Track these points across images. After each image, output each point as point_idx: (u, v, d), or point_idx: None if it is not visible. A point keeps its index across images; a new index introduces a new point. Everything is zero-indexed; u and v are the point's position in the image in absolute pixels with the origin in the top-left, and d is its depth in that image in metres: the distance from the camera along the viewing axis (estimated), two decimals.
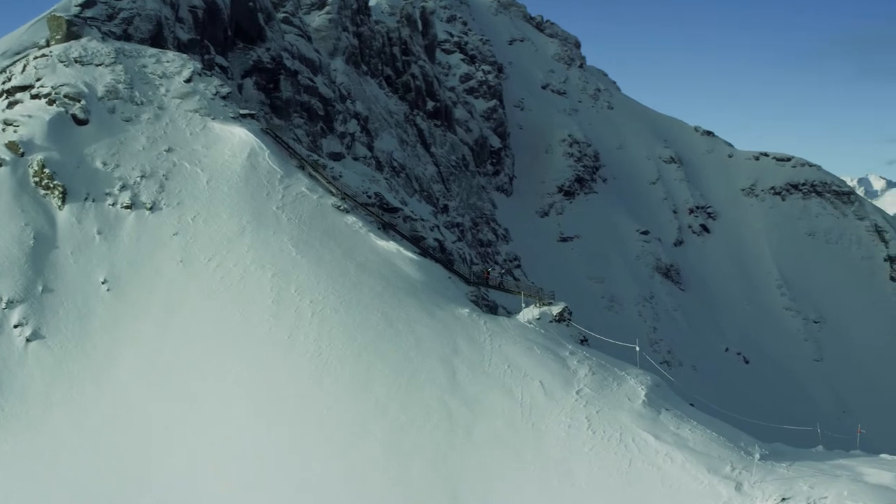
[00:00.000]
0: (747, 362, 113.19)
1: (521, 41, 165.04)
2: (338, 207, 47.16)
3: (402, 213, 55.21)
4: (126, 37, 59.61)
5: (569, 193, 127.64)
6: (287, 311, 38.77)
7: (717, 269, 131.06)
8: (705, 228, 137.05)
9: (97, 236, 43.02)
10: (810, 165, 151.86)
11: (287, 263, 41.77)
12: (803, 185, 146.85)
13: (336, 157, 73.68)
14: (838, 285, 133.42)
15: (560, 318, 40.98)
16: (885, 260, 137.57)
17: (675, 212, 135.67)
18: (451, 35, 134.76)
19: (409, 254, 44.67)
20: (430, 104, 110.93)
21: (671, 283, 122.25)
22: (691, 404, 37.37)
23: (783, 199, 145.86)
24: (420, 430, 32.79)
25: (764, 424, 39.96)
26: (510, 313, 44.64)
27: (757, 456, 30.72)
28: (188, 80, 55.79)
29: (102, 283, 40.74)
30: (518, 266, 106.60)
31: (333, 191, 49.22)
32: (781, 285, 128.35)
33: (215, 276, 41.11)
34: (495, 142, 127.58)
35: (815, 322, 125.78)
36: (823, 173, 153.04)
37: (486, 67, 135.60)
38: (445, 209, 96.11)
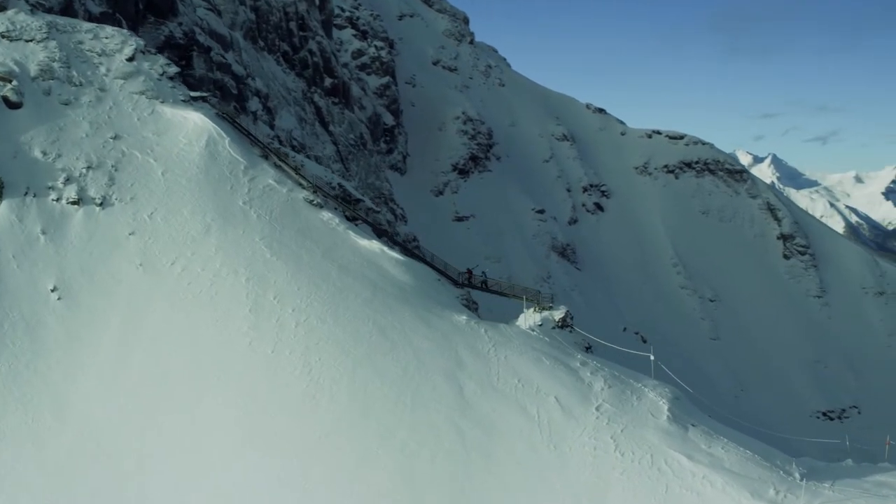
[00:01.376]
0: (645, 341, 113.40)
1: (411, 16, 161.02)
2: (310, 202, 43.69)
3: (363, 206, 51.99)
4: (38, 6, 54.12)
5: (463, 172, 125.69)
6: (267, 321, 35.30)
7: (612, 248, 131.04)
8: (599, 207, 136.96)
9: (42, 236, 38.55)
10: (703, 143, 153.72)
11: (261, 266, 38.20)
12: (696, 163, 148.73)
13: None
14: (732, 264, 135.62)
15: (563, 324, 38.64)
16: (778, 238, 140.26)
17: (569, 190, 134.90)
18: (343, 10, 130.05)
19: (394, 254, 41.63)
20: (328, 81, 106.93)
21: (567, 262, 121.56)
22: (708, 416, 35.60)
23: (676, 178, 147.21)
24: (433, 456, 29.99)
25: (793, 438, 38.49)
26: (500, 320, 42.13)
27: (797, 476, 29.05)
28: (131, 59, 51.09)
29: (52, 290, 36.44)
30: (417, 247, 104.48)
31: (304, 183, 45.60)
32: (677, 264, 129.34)
33: (181, 281, 37.25)
34: (388, 119, 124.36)
35: (711, 301, 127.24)
36: (716, 151, 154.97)
37: (379, 43, 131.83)
38: None
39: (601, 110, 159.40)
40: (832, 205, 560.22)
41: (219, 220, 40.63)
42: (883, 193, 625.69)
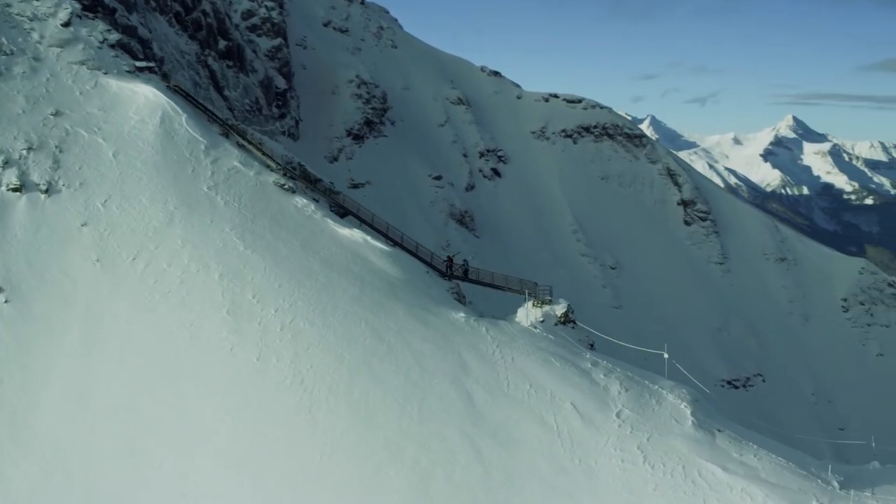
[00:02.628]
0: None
1: None
2: (281, 186, 40.36)
3: (322, 186, 48.77)
4: None
5: (358, 137, 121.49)
6: (249, 324, 32.19)
7: (510, 215, 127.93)
8: (497, 172, 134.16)
9: None
10: (601, 107, 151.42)
11: (236, 261, 34.93)
12: (595, 127, 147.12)
13: None
14: (633, 230, 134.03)
15: (565, 320, 36.55)
16: (679, 204, 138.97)
17: (465, 155, 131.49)
18: None
19: (379, 244, 38.77)
20: (222, 43, 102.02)
21: (466, 229, 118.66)
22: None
23: (575, 143, 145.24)
24: (448, 476, 27.59)
25: (807, 439, 37.39)
26: (487, 312, 39.83)
27: (836, 485, 27.75)
28: (66, 24, 46.62)
29: None
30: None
31: (272, 165, 42.16)
32: (577, 230, 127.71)
33: (145, 279, 33.72)
34: (281, 83, 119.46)
35: (612, 268, 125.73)
36: (615, 115, 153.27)
37: (269, 3, 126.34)
38: None
39: (496, 73, 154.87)
40: (711, 166, 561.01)
41: (183, 209, 37.06)
42: (761, 155, 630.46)
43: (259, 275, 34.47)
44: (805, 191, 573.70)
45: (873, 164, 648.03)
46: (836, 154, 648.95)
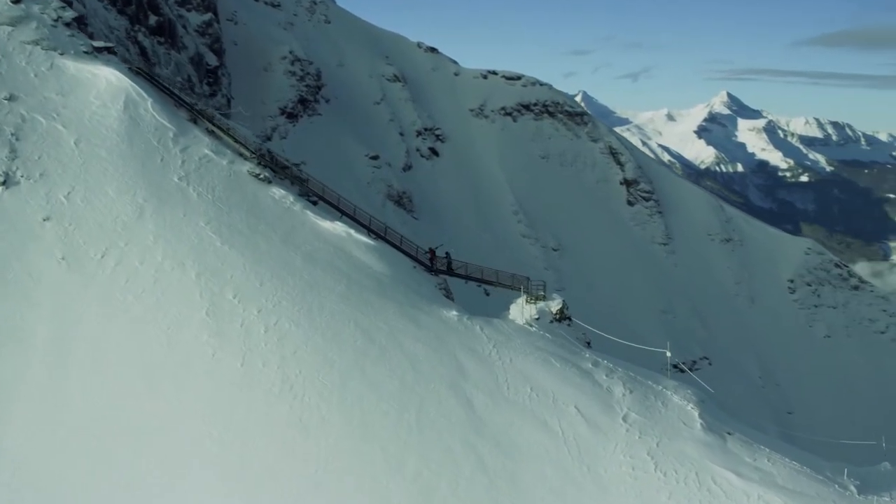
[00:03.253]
0: (488, 294, 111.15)
1: None
2: (256, 176, 38.44)
3: (291, 173, 46.78)
4: None
5: (292, 116, 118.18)
6: (230, 326, 30.41)
7: (449, 196, 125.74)
8: (434, 152, 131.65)
9: None
10: (541, 84, 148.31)
11: (213, 258, 33.06)
12: (535, 105, 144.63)
13: None
14: (575, 210, 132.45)
15: (561, 317, 35.41)
16: (622, 183, 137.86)
17: (402, 134, 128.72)
18: None
19: (363, 237, 37.14)
20: (153, 19, 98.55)
21: (404, 211, 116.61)
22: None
23: (514, 121, 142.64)
24: (452, 488, 26.32)
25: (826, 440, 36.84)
26: (475, 308, 38.58)
27: (854, 490, 27.14)
28: (16, 0, 43.66)
29: None
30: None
31: (245, 153, 40.15)
32: (517, 211, 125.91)
33: (116, 279, 31.67)
34: (212, 60, 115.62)
35: (555, 250, 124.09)
36: (555, 93, 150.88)
37: None
38: None
39: (433, 49, 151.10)
40: (644, 143, 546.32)
41: (153, 201, 34.98)
42: (695, 132, 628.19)
43: (239, 272, 32.64)
44: (740, 168, 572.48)
45: (809, 141, 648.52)
46: (772, 131, 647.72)
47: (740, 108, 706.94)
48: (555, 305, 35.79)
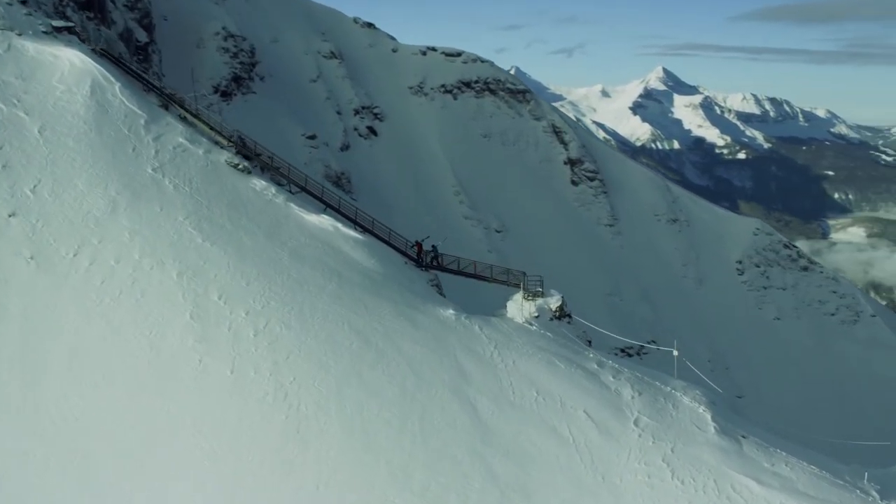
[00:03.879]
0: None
1: None
2: (235, 166, 36.65)
3: (263, 160, 44.93)
4: None
5: (226, 94, 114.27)
6: (218, 330, 28.80)
7: (389, 176, 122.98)
8: (373, 131, 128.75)
9: None
10: (482, 61, 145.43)
11: (194, 255, 31.36)
12: (476, 82, 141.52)
13: None
14: (518, 191, 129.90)
15: (560, 314, 34.36)
16: (566, 163, 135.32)
17: (339, 113, 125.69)
18: None
19: (351, 231, 35.64)
20: None
21: (343, 192, 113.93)
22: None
23: (455, 98, 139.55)
24: (463, 502, 25.04)
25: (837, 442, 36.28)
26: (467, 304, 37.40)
27: (876, 495, 26.61)
28: None
29: None
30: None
31: (222, 141, 38.30)
32: (459, 192, 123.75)
33: (92, 280, 29.81)
34: (142, 36, 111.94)
35: (498, 231, 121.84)
36: (496, 70, 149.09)
37: None
38: None
39: (370, 25, 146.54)
40: (578, 120, 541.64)
41: (126, 194, 33.08)
42: (630, 108, 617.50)
43: (223, 271, 30.98)
44: (676, 145, 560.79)
45: (746, 117, 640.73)
46: (708, 107, 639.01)
47: (676, 84, 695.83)
48: (554, 302, 34.72)
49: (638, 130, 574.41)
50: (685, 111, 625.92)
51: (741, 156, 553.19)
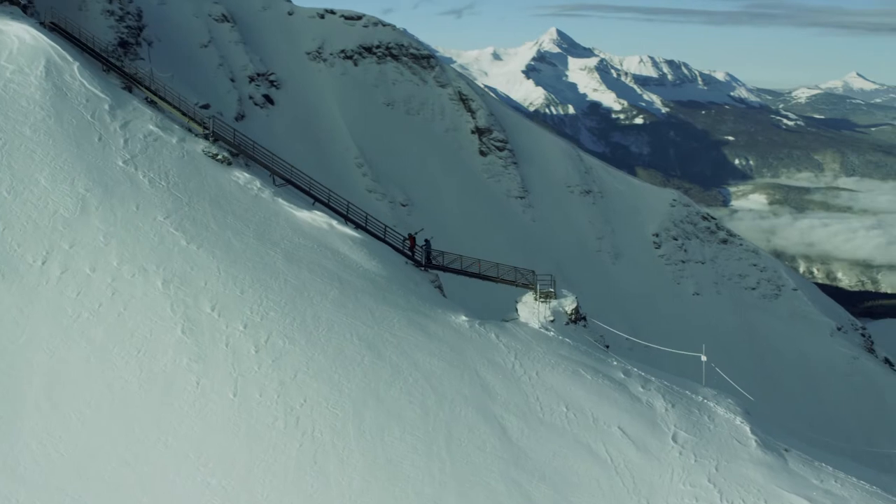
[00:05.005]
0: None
1: None
2: (213, 156, 33.95)
3: (238, 145, 42.15)
4: None
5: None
6: (214, 347, 26.36)
7: (287, 147, 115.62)
8: (269, 99, 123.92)
9: None
10: (384, 25, 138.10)
11: (179, 261, 28.75)
12: (377, 47, 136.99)
13: None
14: (424, 163, 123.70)
15: (576, 317, 32.74)
16: (473, 132, 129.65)
17: (233, 80, 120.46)
18: None
19: (346, 229, 33.33)
20: None
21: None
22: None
23: (356, 65, 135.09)
24: None
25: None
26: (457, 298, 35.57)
27: None
28: None
29: None
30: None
31: (196, 128, 35.47)
32: (362, 164, 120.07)
33: (66, 291, 27.02)
34: None
35: (403, 205, 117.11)
36: (399, 34, 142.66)
37: None
38: None
39: None
40: (469, 84, 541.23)
41: (97, 191, 30.20)
42: (523, 72, 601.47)
43: (213, 278, 28.45)
44: (571, 110, 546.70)
45: (643, 81, 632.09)
46: (604, 70, 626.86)
47: (571, 47, 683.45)
48: (569, 304, 33.09)
49: (531, 95, 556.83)
50: (580, 75, 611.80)
51: (638, 121, 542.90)
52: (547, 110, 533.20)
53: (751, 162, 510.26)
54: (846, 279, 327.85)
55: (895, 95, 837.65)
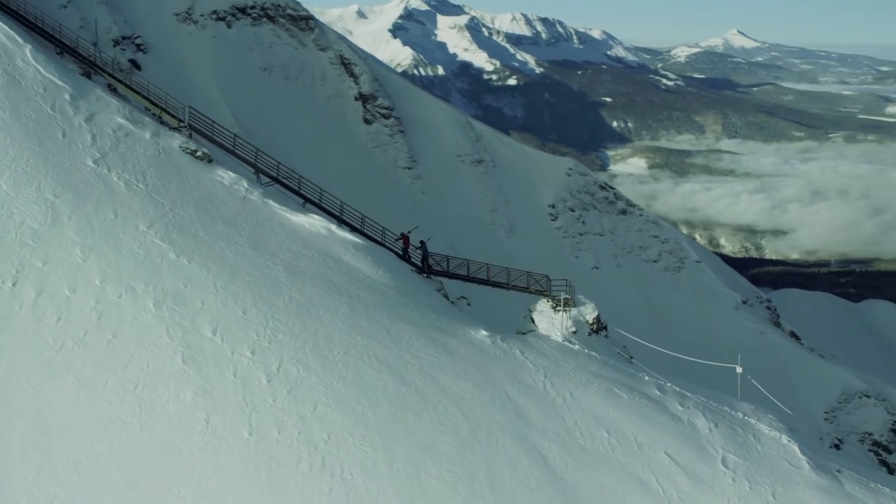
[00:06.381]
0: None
1: None
2: (192, 153, 31.30)
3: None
4: None
5: None
6: (220, 378, 24.08)
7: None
8: (136, 65, 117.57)
9: None
10: None
11: (170, 277, 26.29)
12: (252, 8, 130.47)
13: None
14: (306, 132, 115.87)
15: (598, 327, 31.32)
16: (357, 99, 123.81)
17: (95, 44, 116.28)
18: None
19: (346, 234, 31.17)
20: None
21: None
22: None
23: (229, 27, 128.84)
24: None
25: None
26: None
27: None
28: None
29: None
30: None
31: (170, 121, 32.67)
32: (239, 134, 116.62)
33: (44, 317, 24.38)
34: None
35: None
36: None
37: None
38: None
39: None
40: (352, 47, 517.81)
41: (67, 197, 27.39)
42: (390, 31, 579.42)
43: (211, 297, 26.04)
44: (441, 71, 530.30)
45: (516, 40, 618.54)
46: (475, 28, 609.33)
47: (440, 4, 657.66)
48: (590, 313, 31.62)
49: (399, 55, 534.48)
50: (450, 34, 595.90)
51: (511, 82, 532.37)
52: (415, 71, 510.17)
53: (629, 124, 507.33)
54: (729, 245, 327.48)
55: (777, 53, 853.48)
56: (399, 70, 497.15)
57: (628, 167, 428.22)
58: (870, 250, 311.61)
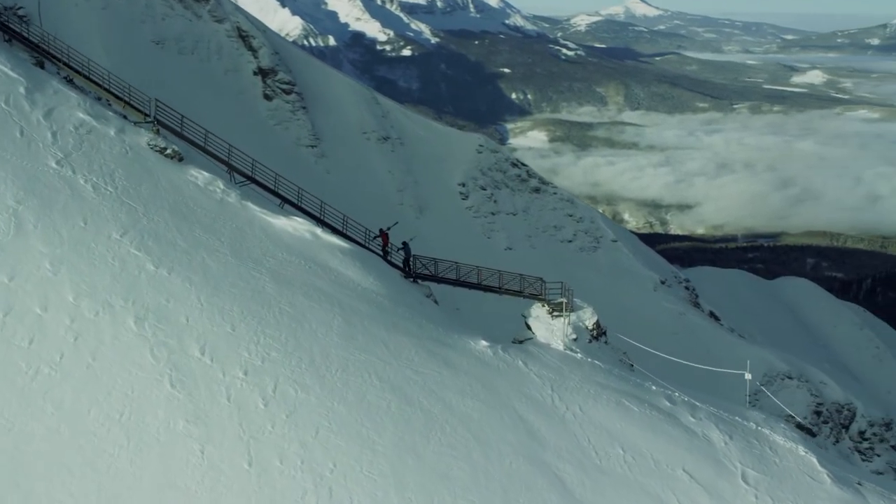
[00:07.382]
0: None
1: None
2: (162, 151, 29.56)
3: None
4: None
5: None
6: (213, 403, 22.69)
7: None
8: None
9: None
10: None
11: (150, 291, 24.71)
12: None
13: None
14: (202, 109, 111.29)
15: (598, 333, 30.57)
16: (256, 73, 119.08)
17: None
18: None
19: (332, 238, 29.81)
20: None
21: None
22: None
23: None
24: None
25: None
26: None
27: None
28: None
29: None
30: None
31: (135, 115, 30.83)
32: None
33: (13, 340, 22.75)
34: None
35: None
36: None
37: None
38: None
39: None
40: (249, 19, 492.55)
41: (31, 203, 25.54)
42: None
43: (196, 312, 24.52)
44: (332, 41, 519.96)
45: (410, 9, 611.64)
46: None
47: None
48: (589, 318, 30.84)
49: (288, 25, 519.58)
50: (341, 2, 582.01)
51: (406, 52, 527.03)
52: (305, 42, 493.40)
53: (529, 96, 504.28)
54: (634, 221, 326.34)
55: (679, 22, 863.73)
56: (289, 40, 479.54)
57: (528, 141, 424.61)
58: (777, 224, 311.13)
